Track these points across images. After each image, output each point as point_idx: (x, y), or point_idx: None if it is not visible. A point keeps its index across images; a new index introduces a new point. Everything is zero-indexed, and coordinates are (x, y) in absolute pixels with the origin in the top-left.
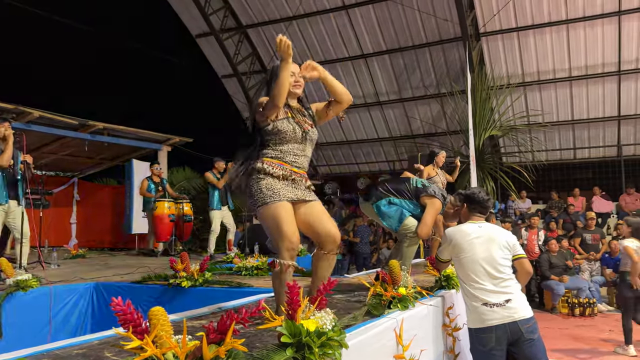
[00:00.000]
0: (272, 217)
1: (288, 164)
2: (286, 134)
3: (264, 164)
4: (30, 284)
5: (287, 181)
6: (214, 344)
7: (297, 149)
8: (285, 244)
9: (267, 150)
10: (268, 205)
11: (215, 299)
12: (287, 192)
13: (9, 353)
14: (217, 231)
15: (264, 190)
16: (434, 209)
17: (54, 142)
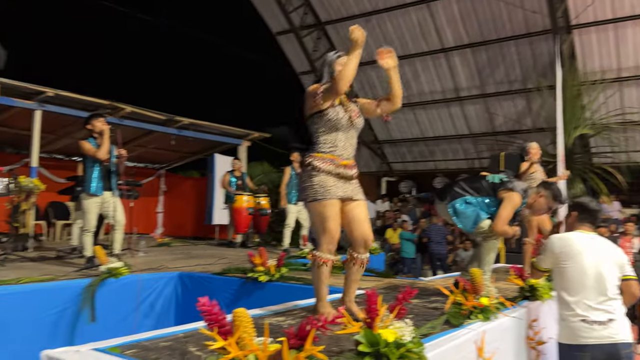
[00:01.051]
0: (320, 214)
1: (339, 157)
2: (337, 122)
3: (316, 160)
4: (121, 271)
5: (338, 177)
6: (294, 349)
7: (345, 138)
8: (327, 240)
9: (318, 144)
10: (318, 202)
11: (291, 295)
12: (338, 190)
13: (100, 342)
14: (292, 226)
15: (316, 186)
16: (511, 203)
17: (143, 136)
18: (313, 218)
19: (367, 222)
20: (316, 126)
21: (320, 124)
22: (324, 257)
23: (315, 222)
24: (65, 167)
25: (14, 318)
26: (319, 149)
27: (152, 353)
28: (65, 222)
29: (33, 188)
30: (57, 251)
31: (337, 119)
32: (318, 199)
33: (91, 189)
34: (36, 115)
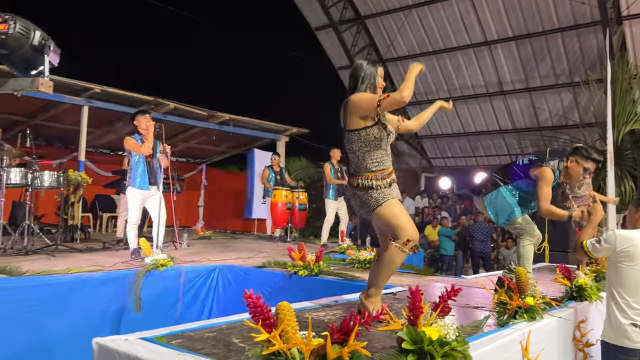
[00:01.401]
0: (390, 213)
1: (386, 169)
2: (381, 140)
3: (370, 181)
4: (165, 263)
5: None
6: (337, 344)
7: (387, 151)
8: (408, 234)
9: (367, 164)
10: (382, 205)
11: (329, 290)
12: (392, 193)
13: (147, 331)
14: (331, 221)
15: (375, 195)
16: (545, 179)
17: (185, 132)
18: (385, 221)
19: None
20: (361, 144)
21: (367, 142)
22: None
23: (388, 224)
24: (110, 161)
25: (64, 306)
26: (368, 168)
27: (197, 343)
28: (111, 214)
29: (81, 181)
30: (103, 242)
31: (384, 134)
32: (381, 203)
33: (136, 183)
34: (84, 111)
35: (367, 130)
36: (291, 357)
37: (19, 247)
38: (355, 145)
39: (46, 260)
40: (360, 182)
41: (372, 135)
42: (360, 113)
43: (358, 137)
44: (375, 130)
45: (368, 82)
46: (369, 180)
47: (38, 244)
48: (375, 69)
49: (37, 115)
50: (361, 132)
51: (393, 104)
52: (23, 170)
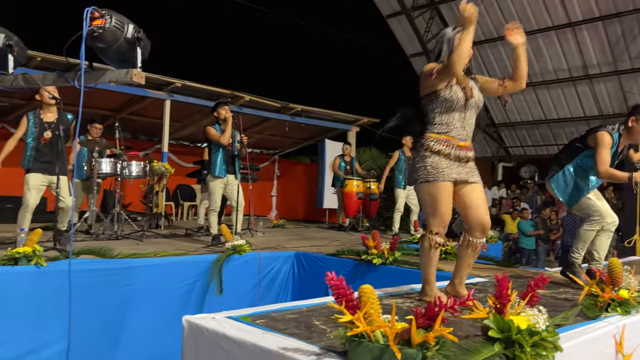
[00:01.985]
0: (430, 195)
1: (455, 138)
2: (453, 102)
3: (430, 141)
4: (244, 248)
5: (452, 159)
6: (422, 329)
7: (462, 118)
8: (437, 222)
9: (433, 124)
10: (429, 183)
11: (404, 279)
12: (451, 172)
13: (233, 311)
14: (401, 210)
15: (428, 167)
16: (602, 144)
17: (260, 123)
18: (423, 200)
19: (484, 206)
20: (431, 106)
21: (436, 104)
22: (434, 239)
23: (426, 205)
24: (190, 152)
25: (153, 287)
26: (434, 129)
27: (279, 324)
28: (192, 203)
29: (164, 171)
30: (186, 229)
31: (453, 98)
32: (429, 181)
33: (216, 171)
34: (166, 104)
35: (436, 93)
36: (375, 340)
37: (110, 232)
38: (426, 108)
39: (134, 245)
40: (421, 142)
41: (442, 97)
42: (424, 82)
43: (428, 101)
44: (444, 93)
45: (448, 50)
46: (429, 140)
47: (127, 229)
48: (454, 35)
49: (123, 109)
50: (431, 96)
51: (445, 76)
52: (113, 160)
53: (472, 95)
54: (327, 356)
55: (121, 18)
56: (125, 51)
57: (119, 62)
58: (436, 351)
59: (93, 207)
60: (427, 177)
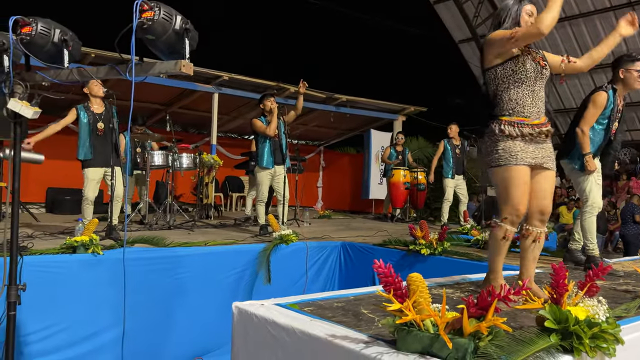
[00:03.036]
0: (504, 180)
1: (527, 117)
2: (523, 72)
3: (502, 124)
4: (291, 238)
5: (527, 141)
6: (474, 318)
7: (533, 93)
8: (509, 210)
9: (503, 104)
10: (502, 168)
11: (453, 270)
12: (526, 155)
13: (281, 298)
14: (450, 200)
15: (501, 151)
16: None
17: (305, 115)
18: (496, 186)
19: (550, 197)
20: (498, 81)
21: (504, 78)
22: (504, 227)
23: (498, 190)
24: (237, 145)
25: (203, 274)
26: (504, 110)
27: (327, 311)
28: (240, 194)
29: (213, 163)
30: (234, 220)
31: (523, 69)
32: (502, 165)
33: (264, 162)
34: (214, 97)
35: (504, 64)
36: (424, 329)
37: (162, 222)
38: (492, 84)
39: (186, 235)
40: (492, 126)
41: (510, 69)
42: (495, 50)
43: (495, 75)
44: (514, 62)
45: (511, 20)
46: (501, 124)
47: (178, 220)
48: (521, 6)
49: (174, 103)
50: (497, 69)
51: (528, 37)
52: (164, 152)
53: (543, 65)
54: (375, 344)
55: (169, 9)
56: (174, 42)
57: (168, 53)
58: (489, 341)
59: (146, 198)
60: (498, 161)
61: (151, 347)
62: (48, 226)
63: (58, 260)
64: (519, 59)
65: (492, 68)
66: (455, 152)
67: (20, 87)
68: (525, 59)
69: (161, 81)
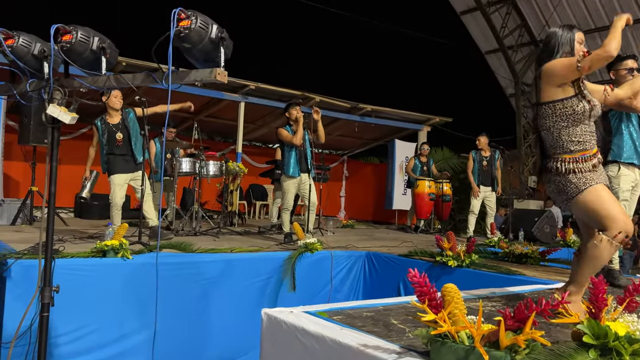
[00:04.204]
0: (592, 201)
1: (587, 150)
2: (582, 114)
3: (567, 163)
4: (316, 246)
5: (593, 170)
6: (510, 331)
7: (590, 128)
8: (619, 225)
9: (564, 143)
10: (584, 192)
11: (481, 283)
12: (599, 178)
13: (311, 306)
14: (475, 212)
15: (574, 181)
16: None
17: (329, 124)
18: (588, 210)
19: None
20: (556, 118)
21: (563, 116)
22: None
23: (594, 213)
24: (262, 153)
25: (229, 280)
26: (566, 148)
27: (356, 320)
28: (263, 202)
29: (239, 171)
30: (259, 227)
31: (583, 110)
32: (582, 190)
33: (290, 171)
34: (241, 106)
35: (564, 102)
36: (459, 341)
37: (189, 228)
38: (550, 120)
39: (211, 241)
40: (556, 166)
41: (571, 108)
42: (556, 81)
43: (553, 111)
44: (574, 101)
45: (564, 49)
46: (567, 163)
47: (204, 226)
48: (573, 34)
49: (201, 111)
50: (557, 105)
51: (597, 62)
52: (192, 160)
53: (595, 104)
54: (408, 355)
55: (205, 19)
56: (210, 51)
57: (203, 61)
58: (526, 355)
59: (173, 205)
60: (578, 188)
61: (179, 350)
62: (77, 230)
63: (89, 264)
64: (578, 98)
65: (550, 103)
66: (482, 164)
67: (59, 93)
68: (580, 99)
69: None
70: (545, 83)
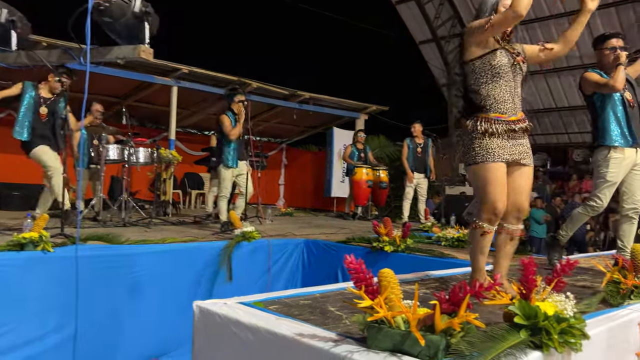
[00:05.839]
0: (481, 178)
1: (504, 113)
2: (500, 68)
3: (479, 122)
4: (254, 235)
5: (505, 138)
6: (445, 315)
7: (510, 88)
8: (488, 208)
9: (481, 100)
10: (478, 165)
11: (417, 267)
12: (503, 152)
13: (245, 296)
14: (409, 198)
15: (477, 148)
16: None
17: (267, 111)
18: (473, 184)
19: (527, 193)
20: (476, 75)
21: (482, 72)
22: (483, 227)
23: (477, 189)
24: (197, 140)
25: (161, 273)
26: (481, 106)
27: (293, 309)
28: (199, 191)
29: (172, 159)
30: (194, 217)
31: (501, 63)
32: (478, 162)
33: (229, 161)
34: (173, 91)
35: (482, 58)
36: (396, 326)
37: (117, 219)
38: (471, 78)
39: (142, 232)
40: (470, 124)
41: (489, 63)
42: (474, 39)
43: (473, 69)
44: (491, 56)
45: (490, 10)
46: (480, 122)
47: (134, 217)
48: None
49: (130, 96)
50: (476, 62)
51: (505, 20)
52: (120, 146)
53: (520, 60)
54: (344, 342)
55: None
56: (133, 26)
57: (126, 38)
58: (461, 338)
59: (100, 194)
60: (475, 158)
61: (105, 348)
62: None
63: (5, 258)
64: (497, 53)
65: (470, 61)
66: (416, 151)
67: None
68: (502, 53)
69: (117, 72)
70: (466, 42)
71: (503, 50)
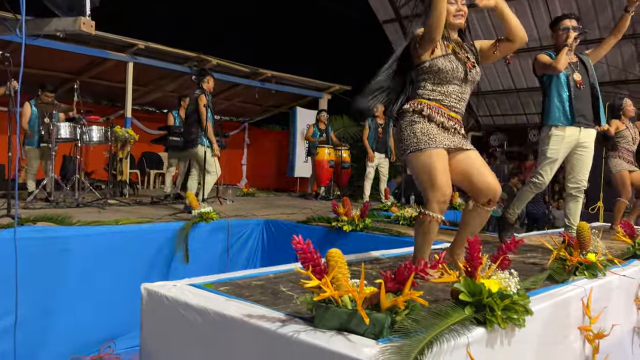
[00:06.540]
0: (425, 166)
1: (447, 107)
2: (447, 73)
3: (421, 105)
4: (212, 216)
5: (443, 128)
6: (391, 293)
7: (458, 91)
8: (437, 196)
9: (424, 91)
10: (422, 152)
11: (375, 246)
12: (444, 139)
13: (195, 278)
14: (370, 178)
15: (418, 134)
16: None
17: (228, 90)
18: (417, 173)
19: (487, 169)
20: (423, 76)
21: (428, 74)
22: (435, 216)
23: (420, 178)
24: (156, 119)
25: (114, 256)
26: (424, 95)
27: (244, 290)
28: (158, 171)
29: (128, 138)
30: (152, 197)
31: (448, 69)
32: (421, 149)
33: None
34: (129, 67)
35: (429, 62)
36: (342, 305)
37: (70, 200)
38: (419, 78)
39: (96, 213)
40: (408, 106)
41: (436, 66)
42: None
43: (421, 72)
44: (440, 60)
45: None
46: (418, 104)
47: (88, 197)
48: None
49: (84, 72)
50: (424, 66)
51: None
52: (72, 124)
53: (470, 66)
54: (293, 322)
55: None
56: None
57: (67, 9)
58: (405, 315)
59: (51, 174)
60: (417, 145)
61: (52, 335)
62: None
63: None
64: (444, 59)
65: (418, 67)
66: (377, 132)
67: None
68: (449, 59)
69: (68, 47)
70: (413, 49)
71: (451, 55)
